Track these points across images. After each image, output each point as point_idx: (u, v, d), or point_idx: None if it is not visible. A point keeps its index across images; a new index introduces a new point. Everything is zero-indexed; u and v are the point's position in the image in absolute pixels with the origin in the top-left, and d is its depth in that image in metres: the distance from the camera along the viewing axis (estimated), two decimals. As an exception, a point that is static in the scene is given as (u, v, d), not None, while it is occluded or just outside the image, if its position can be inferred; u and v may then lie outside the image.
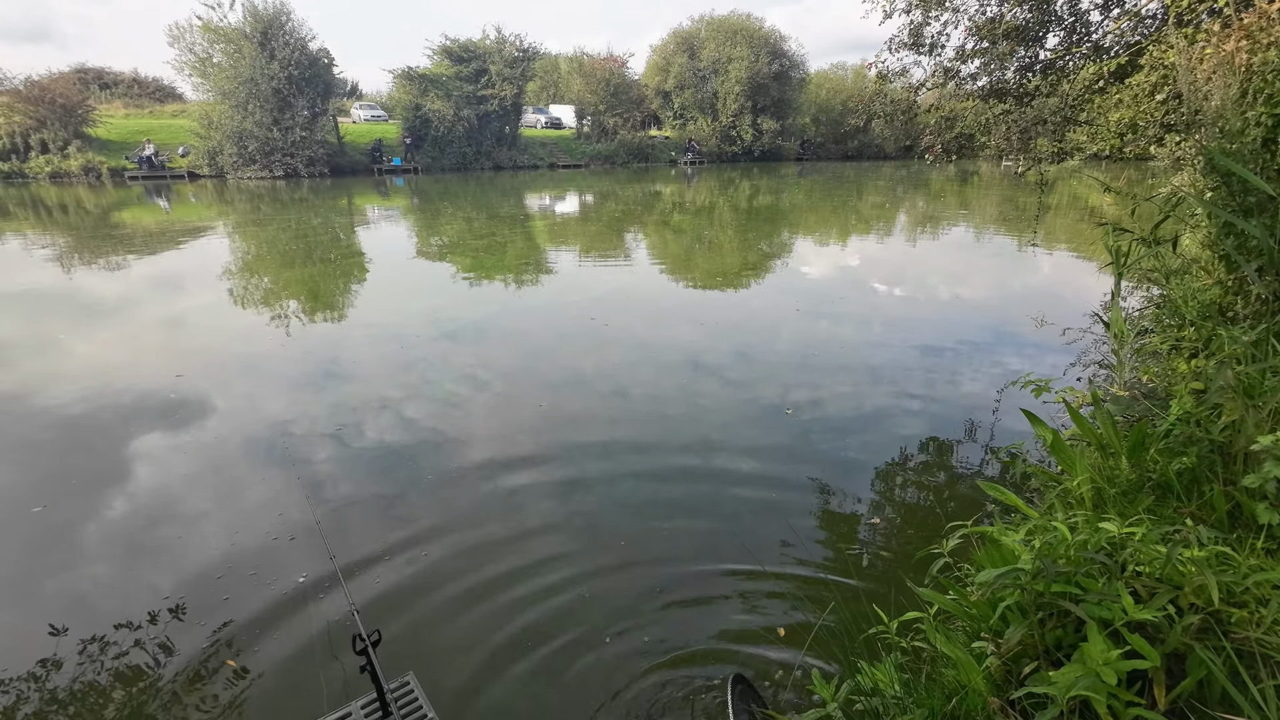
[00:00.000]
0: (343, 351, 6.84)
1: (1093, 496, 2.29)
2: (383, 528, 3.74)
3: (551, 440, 4.78)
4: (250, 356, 6.71)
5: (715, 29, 40.03)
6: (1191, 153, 4.96)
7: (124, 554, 3.56)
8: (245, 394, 5.71)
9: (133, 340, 7.27)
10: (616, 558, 3.46)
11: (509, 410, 5.31)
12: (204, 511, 3.93)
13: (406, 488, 4.17)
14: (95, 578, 3.37)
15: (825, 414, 5.21)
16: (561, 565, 3.39)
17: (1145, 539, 1.69)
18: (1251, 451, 1.94)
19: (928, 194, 24.38)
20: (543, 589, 3.21)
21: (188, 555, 3.52)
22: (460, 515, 3.87)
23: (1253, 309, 2.71)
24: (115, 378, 6.05)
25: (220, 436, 4.89)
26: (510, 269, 11.04)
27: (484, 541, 3.63)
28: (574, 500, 4.00)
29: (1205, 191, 4.96)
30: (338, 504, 3.99)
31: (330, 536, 3.55)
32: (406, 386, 5.82)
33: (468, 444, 4.74)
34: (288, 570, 3.36)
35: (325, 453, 4.63)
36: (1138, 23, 5.33)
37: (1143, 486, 2.20)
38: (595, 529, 3.70)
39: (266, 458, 4.58)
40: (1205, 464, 2.11)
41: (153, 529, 3.77)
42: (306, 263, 11.30)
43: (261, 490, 4.15)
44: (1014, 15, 5.43)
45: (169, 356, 6.66)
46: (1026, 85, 5.63)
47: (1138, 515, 1.93)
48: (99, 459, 4.59)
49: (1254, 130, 2.66)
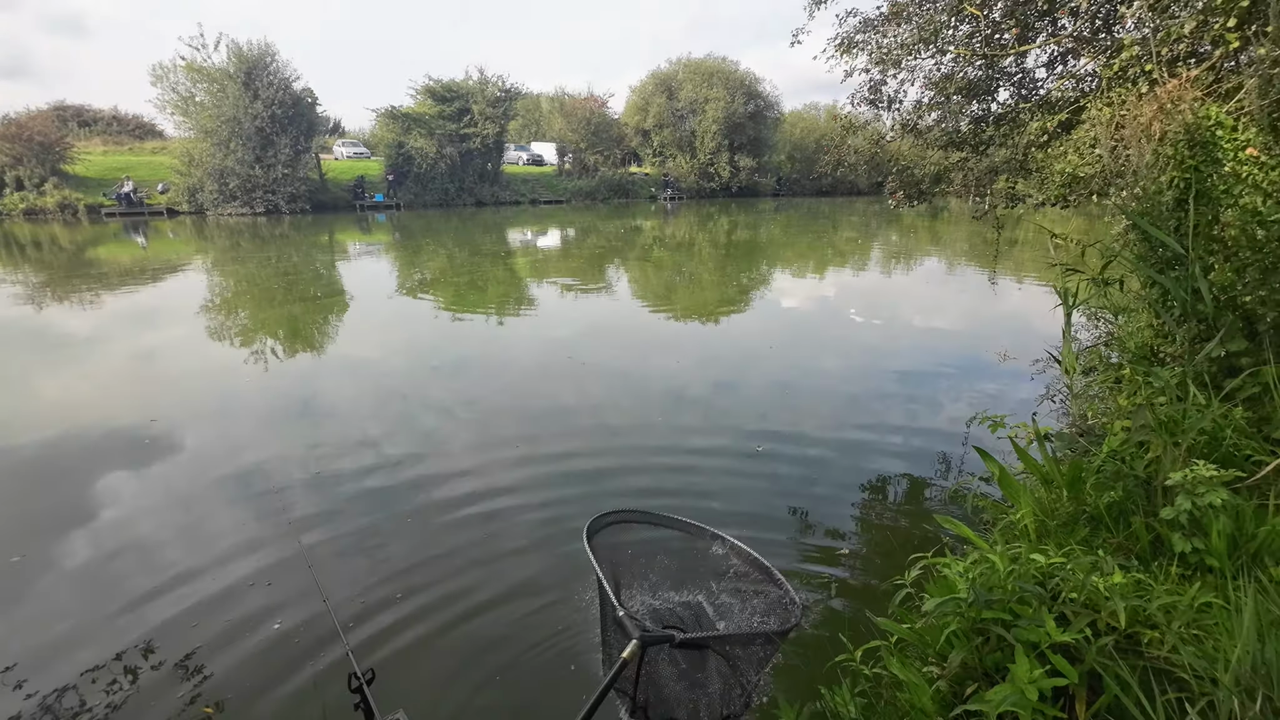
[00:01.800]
0: (321, 388, 6.90)
1: (1036, 528, 2.48)
2: (366, 565, 3.80)
3: (530, 474, 4.89)
4: (225, 395, 6.73)
5: (692, 71, 41.47)
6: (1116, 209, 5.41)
7: (97, 600, 3.57)
8: (220, 434, 5.74)
9: (105, 378, 7.25)
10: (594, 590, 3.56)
11: (488, 446, 5.41)
12: (181, 554, 3.95)
13: (386, 524, 4.23)
14: (68, 626, 3.36)
15: (798, 446, 5.39)
16: (542, 598, 3.48)
17: (1073, 568, 1.88)
18: (1168, 486, 2.15)
19: (900, 229, 25.24)
20: (527, 624, 3.30)
21: (164, 600, 3.53)
22: (442, 551, 3.95)
23: (1177, 351, 2.97)
24: (86, 418, 6.03)
25: (196, 477, 4.92)
26: (492, 304, 11.20)
27: (465, 575, 3.70)
28: (553, 532, 4.10)
29: (1131, 244, 5.39)
30: (317, 542, 4.04)
31: (316, 575, 3.59)
32: (386, 422, 5.89)
33: (448, 479, 4.83)
34: (271, 611, 3.40)
35: (304, 491, 4.68)
36: (1078, 81, 5.78)
37: (1079, 519, 2.40)
38: (575, 561, 3.79)
39: (244, 498, 4.61)
40: (1131, 497, 2.32)
41: (129, 575, 3.77)
42: (286, 300, 11.35)
43: (240, 531, 4.18)
44: (964, 74, 5.87)
45: (141, 395, 6.66)
46: (981, 135, 6.01)
47: (1070, 546, 2.13)
48: (70, 503, 4.58)
49: (1168, 193, 2.96)
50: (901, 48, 5.71)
